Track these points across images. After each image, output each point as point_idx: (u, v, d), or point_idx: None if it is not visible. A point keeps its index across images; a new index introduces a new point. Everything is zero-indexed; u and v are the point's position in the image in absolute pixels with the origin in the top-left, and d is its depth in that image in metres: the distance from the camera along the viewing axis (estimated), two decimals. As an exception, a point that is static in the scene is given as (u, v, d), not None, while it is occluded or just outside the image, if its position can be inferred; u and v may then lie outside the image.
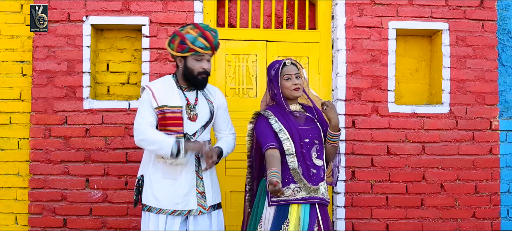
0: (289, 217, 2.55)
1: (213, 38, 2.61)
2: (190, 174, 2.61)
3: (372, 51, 3.58)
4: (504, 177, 3.69)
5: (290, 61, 2.68)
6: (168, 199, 2.59)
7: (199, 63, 2.61)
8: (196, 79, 2.63)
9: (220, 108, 2.80)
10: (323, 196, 2.61)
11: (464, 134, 3.62)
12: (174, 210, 2.59)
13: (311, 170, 2.60)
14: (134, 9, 3.47)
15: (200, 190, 2.62)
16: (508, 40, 3.83)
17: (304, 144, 2.61)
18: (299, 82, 2.65)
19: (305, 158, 2.60)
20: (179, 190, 2.59)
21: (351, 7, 3.58)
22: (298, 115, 2.69)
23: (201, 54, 2.59)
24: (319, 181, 2.61)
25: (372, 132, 3.56)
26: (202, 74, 2.63)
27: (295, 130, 2.61)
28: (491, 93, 3.64)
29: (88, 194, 3.43)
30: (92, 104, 3.44)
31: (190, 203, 2.60)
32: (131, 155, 3.44)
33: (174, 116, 2.56)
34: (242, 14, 3.76)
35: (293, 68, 2.66)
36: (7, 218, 3.50)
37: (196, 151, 2.59)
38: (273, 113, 2.66)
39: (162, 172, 2.61)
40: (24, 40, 3.54)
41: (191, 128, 2.63)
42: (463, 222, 3.60)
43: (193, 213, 2.60)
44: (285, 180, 2.58)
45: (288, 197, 2.56)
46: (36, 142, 3.43)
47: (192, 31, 2.58)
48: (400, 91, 3.78)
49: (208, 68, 2.65)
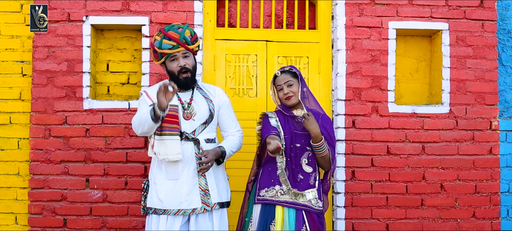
0: (276, 217, 2.60)
1: (178, 35, 2.60)
2: (191, 173, 2.61)
3: (372, 51, 3.58)
4: (504, 177, 3.69)
5: (280, 70, 2.73)
6: (171, 199, 2.59)
7: (175, 62, 2.64)
8: (178, 79, 2.65)
9: (222, 106, 2.80)
10: (309, 203, 2.61)
11: (464, 134, 3.62)
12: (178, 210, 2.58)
13: (297, 175, 2.64)
14: (134, 9, 3.47)
15: (203, 187, 2.61)
16: (508, 40, 3.83)
17: (293, 148, 2.66)
18: (291, 90, 2.68)
19: (292, 162, 2.66)
20: (181, 190, 2.59)
21: (351, 7, 3.58)
22: (299, 120, 2.70)
23: (173, 54, 2.62)
24: (306, 187, 2.63)
25: (372, 132, 3.56)
26: (183, 73, 2.64)
27: (289, 133, 2.66)
28: (491, 93, 3.65)
29: (88, 194, 3.43)
30: (92, 104, 3.44)
31: (194, 201, 2.60)
32: (131, 155, 3.44)
33: (169, 115, 2.57)
34: (242, 14, 3.76)
35: (285, 77, 2.70)
36: (7, 218, 3.50)
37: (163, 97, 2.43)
38: (276, 114, 2.75)
39: (165, 173, 2.62)
40: (24, 40, 3.54)
41: (188, 127, 2.64)
42: (463, 222, 3.60)
43: (197, 211, 2.60)
44: (272, 180, 2.67)
45: (271, 197, 2.63)
46: (36, 142, 3.43)
47: (157, 37, 2.64)
48: (400, 91, 3.78)
49: (186, 64, 2.64)
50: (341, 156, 3.53)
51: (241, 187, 3.50)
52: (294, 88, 2.68)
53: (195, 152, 2.62)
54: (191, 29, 2.67)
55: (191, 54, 2.67)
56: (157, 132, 2.58)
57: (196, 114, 2.68)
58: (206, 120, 2.70)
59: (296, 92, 2.69)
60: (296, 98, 2.69)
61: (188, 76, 2.65)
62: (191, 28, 2.69)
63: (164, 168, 2.63)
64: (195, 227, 2.62)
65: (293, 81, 2.69)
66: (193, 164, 2.61)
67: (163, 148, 2.56)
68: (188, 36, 2.63)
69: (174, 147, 2.55)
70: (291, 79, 2.69)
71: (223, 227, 2.72)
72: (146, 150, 3.41)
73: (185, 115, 2.65)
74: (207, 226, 2.63)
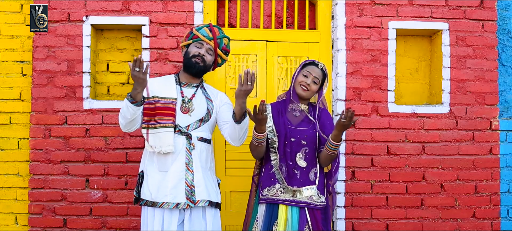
0: (279, 217, 2.60)
1: (219, 33, 2.76)
2: (180, 166, 2.61)
3: (372, 51, 3.58)
4: (504, 177, 3.69)
5: (321, 65, 2.74)
6: (159, 191, 2.60)
7: (198, 49, 2.72)
8: (189, 61, 2.71)
9: (225, 104, 2.81)
10: (311, 200, 2.61)
11: (464, 134, 3.62)
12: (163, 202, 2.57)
13: (293, 171, 2.63)
14: (134, 9, 3.47)
15: (189, 183, 2.61)
16: (508, 40, 3.83)
17: (288, 144, 2.65)
18: (313, 87, 2.69)
19: (286, 157, 2.65)
20: (168, 182, 2.60)
21: (351, 7, 3.58)
22: (297, 114, 2.70)
23: (202, 41, 2.73)
24: (304, 184, 2.62)
25: (372, 132, 3.56)
26: (197, 57, 2.71)
27: (283, 128, 2.66)
28: (491, 93, 3.65)
29: (88, 194, 3.43)
30: (92, 104, 3.44)
31: (179, 196, 2.59)
32: (131, 155, 3.44)
33: (165, 107, 2.60)
34: (242, 14, 3.76)
35: (318, 72, 2.71)
36: (7, 218, 3.50)
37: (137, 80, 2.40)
38: (271, 109, 2.75)
39: (157, 165, 2.64)
40: (24, 40, 3.54)
41: (184, 121, 2.66)
42: (463, 222, 3.60)
43: (181, 206, 2.58)
44: (272, 179, 2.68)
45: (272, 196, 2.64)
46: (36, 142, 3.43)
47: (202, 24, 2.82)
48: (400, 91, 3.78)
49: (205, 56, 2.72)
50: (341, 156, 3.53)
51: (241, 187, 3.50)
52: (314, 87, 2.70)
53: (186, 147, 2.62)
54: (229, 44, 2.86)
55: (213, 55, 2.77)
56: (152, 126, 2.60)
57: (194, 110, 2.69)
58: (202, 118, 2.70)
59: (313, 91, 2.71)
60: (309, 95, 2.72)
61: (200, 64, 2.71)
62: (230, 44, 2.87)
63: (155, 160, 2.64)
64: (189, 226, 2.62)
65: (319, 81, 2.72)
66: (183, 158, 2.61)
67: (157, 141, 2.59)
68: (224, 42, 2.79)
69: (167, 139, 2.58)
70: (318, 78, 2.71)
71: (216, 225, 2.71)
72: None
73: (183, 108, 2.67)
74: (201, 225, 2.63)
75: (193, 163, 2.63)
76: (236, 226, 3.52)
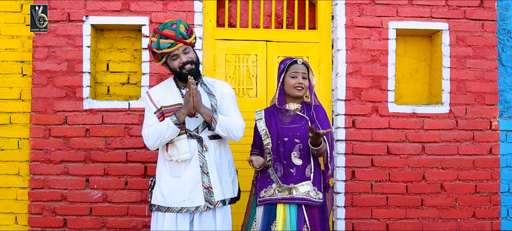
0: (277, 216, 2.60)
1: (174, 31, 2.57)
2: (194, 170, 2.60)
3: (372, 51, 3.58)
4: (504, 177, 3.69)
5: (301, 60, 2.71)
6: (174, 196, 2.59)
7: (177, 60, 2.62)
8: (181, 74, 2.65)
9: (224, 96, 2.75)
10: (308, 196, 2.61)
11: (464, 134, 3.62)
12: (182, 208, 2.58)
13: (288, 169, 2.63)
14: (134, 9, 3.47)
15: (206, 185, 2.61)
16: (508, 40, 3.83)
17: (281, 143, 2.65)
18: (305, 83, 2.67)
19: (280, 157, 2.65)
20: (184, 187, 2.59)
21: (351, 7, 3.58)
22: (290, 113, 2.70)
23: (173, 53, 2.59)
24: (299, 180, 2.62)
25: (372, 132, 3.56)
26: (185, 66, 2.62)
27: (275, 128, 2.67)
28: (491, 93, 3.65)
29: (88, 194, 3.43)
30: (92, 104, 3.44)
31: (197, 199, 2.59)
32: (131, 155, 3.44)
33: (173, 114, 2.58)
34: (242, 14, 3.76)
35: (302, 67, 2.68)
36: (7, 218, 3.50)
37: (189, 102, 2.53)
38: (264, 113, 2.77)
39: (169, 171, 2.63)
40: (24, 40, 3.54)
41: (192, 124, 2.64)
42: (463, 222, 3.60)
43: (200, 209, 2.59)
44: (268, 180, 2.69)
45: (270, 196, 2.65)
46: (36, 142, 3.43)
47: (153, 38, 2.61)
48: (400, 91, 3.78)
49: (188, 59, 2.62)
50: (341, 156, 3.54)
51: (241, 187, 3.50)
52: (306, 82, 2.69)
53: (198, 150, 2.62)
54: (184, 23, 2.63)
55: (190, 48, 2.65)
56: None
57: None
58: None
59: (306, 87, 2.69)
60: (305, 91, 2.70)
61: (192, 67, 2.64)
62: (184, 22, 2.66)
63: (167, 165, 2.64)
64: (199, 226, 2.62)
65: (306, 75, 2.70)
66: (197, 162, 2.61)
67: (175, 150, 2.59)
68: (184, 31, 2.60)
69: (183, 147, 2.58)
70: (306, 73, 2.69)
71: (226, 225, 2.70)
72: (146, 150, 3.41)
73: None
74: (210, 225, 2.63)
75: (207, 165, 2.63)
76: (236, 226, 3.52)
